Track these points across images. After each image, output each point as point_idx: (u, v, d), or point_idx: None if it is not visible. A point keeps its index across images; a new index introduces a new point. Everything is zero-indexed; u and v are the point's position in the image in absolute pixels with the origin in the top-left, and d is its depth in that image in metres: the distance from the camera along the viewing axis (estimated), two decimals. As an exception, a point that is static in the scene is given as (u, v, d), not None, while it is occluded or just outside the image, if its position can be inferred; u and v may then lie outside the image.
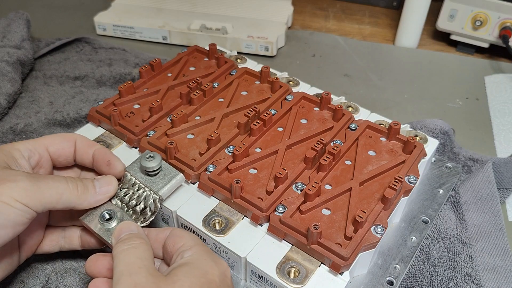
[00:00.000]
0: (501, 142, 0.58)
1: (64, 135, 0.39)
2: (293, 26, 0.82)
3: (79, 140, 0.39)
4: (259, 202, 0.38)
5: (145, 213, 0.38)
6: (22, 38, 0.66)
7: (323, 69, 0.71)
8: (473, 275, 0.41)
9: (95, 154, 0.39)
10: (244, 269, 0.38)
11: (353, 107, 0.50)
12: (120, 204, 0.38)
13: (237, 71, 0.53)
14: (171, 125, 0.45)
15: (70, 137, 0.39)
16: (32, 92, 0.63)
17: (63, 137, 0.39)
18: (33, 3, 0.87)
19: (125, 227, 0.34)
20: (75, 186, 0.35)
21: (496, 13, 0.69)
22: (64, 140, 0.39)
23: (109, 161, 0.39)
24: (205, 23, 0.75)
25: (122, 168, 0.39)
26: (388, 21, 0.85)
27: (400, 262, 0.40)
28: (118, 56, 0.70)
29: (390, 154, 0.44)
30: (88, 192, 0.36)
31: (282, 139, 0.45)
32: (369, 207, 0.39)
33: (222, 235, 0.38)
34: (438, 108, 0.64)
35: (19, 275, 0.41)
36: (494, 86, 0.68)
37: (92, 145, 0.40)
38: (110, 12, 0.78)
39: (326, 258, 0.35)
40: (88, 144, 0.40)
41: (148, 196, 0.38)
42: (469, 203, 0.48)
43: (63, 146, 0.39)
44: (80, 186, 0.36)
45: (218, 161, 0.43)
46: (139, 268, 0.30)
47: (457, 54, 0.76)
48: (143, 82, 0.52)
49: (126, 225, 0.35)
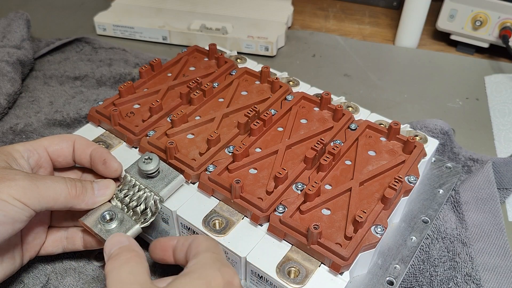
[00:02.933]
0: (501, 142, 0.58)
1: (63, 135, 0.40)
2: (293, 26, 0.82)
3: (78, 141, 0.40)
4: (259, 202, 0.38)
5: (146, 214, 0.38)
6: (22, 38, 0.66)
7: (323, 69, 0.71)
8: (473, 275, 0.41)
9: (92, 154, 0.39)
10: (244, 269, 0.38)
11: (353, 107, 0.50)
12: (120, 205, 0.38)
13: (237, 71, 0.53)
14: (171, 125, 0.45)
15: (69, 138, 0.40)
16: (32, 92, 0.63)
17: (61, 137, 0.39)
18: (33, 3, 0.87)
19: (115, 241, 0.33)
20: (73, 187, 0.35)
21: (496, 13, 0.69)
22: (63, 141, 0.39)
23: (105, 159, 0.39)
24: (205, 23, 0.75)
25: (118, 167, 0.39)
26: (388, 21, 0.85)
27: (400, 262, 0.40)
28: (118, 56, 0.70)
29: (390, 154, 0.44)
30: (87, 193, 0.36)
31: (282, 139, 0.45)
32: (369, 207, 0.39)
33: (222, 235, 0.38)
34: (438, 108, 0.64)
35: (19, 275, 0.41)
36: (494, 86, 0.68)
37: (90, 145, 0.40)
38: (110, 12, 0.78)
39: (326, 258, 0.35)
40: (86, 144, 0.40)
41: (149, 197, 0.38)
42: (469, 203, 0.48)
43: (62, 146, 0.39)
44: (78, 187, 0.36)
45: (218, 161, 0.43)
46: (131, 284, 0.29)
47: (457, 54, 0.76)
48: (143, 82, 0.52)
49: (116, 238, 0.33)
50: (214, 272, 0.30)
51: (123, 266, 0.30)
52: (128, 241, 0.33)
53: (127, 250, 0.32)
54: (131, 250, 0.32)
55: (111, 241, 0.33)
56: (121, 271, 0.30)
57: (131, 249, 0.32)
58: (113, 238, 0.33)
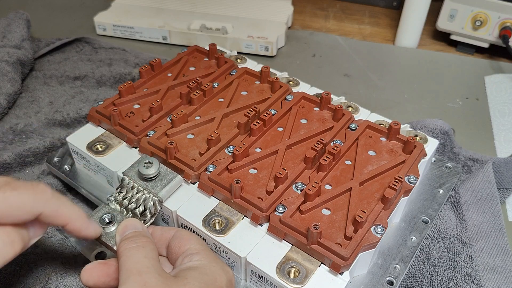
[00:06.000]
0: (501, 142, 0.58)
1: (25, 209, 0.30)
2: (293, 26, 0.82)
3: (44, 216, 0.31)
4: (259, 202, 0.38)
5: (145, 216, 0.38)
6: (22, 38, 0.66)
7: (323, 69, 0.71)
8: (473, 275, 0.41)
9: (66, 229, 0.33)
10: (244, 269, 0.38)
11: (353, 107, 0.50)
12: (119, 208, 0.38)
13: (237, 71, 0.53)
14: (171, 125, 0.45)
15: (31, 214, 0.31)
16: (32, 92, 0.63)
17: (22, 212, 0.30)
18: (33, 3, 0.87)
19: (130, 224, 0.34)
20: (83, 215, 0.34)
21: (496, 13, 0.69)
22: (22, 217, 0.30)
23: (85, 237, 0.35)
24: (205, 23, 0.75)
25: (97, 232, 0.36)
26: (388, 21, 0.85)
27: (400, 262, 0.40)
28: (118, 56, 0.70)
29: (390, 154, 0.44)
30: (90, 226, 0.35)
31: (282, 139, 0.45)
32: (369, 207, 0.39)
33: (222, 235, 0.38)
34: (438, 108, 0.64)
35: (19, 275, 0.41)
36: (494, 86, 0.68)
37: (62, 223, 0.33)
38: (110, 12, 0.78)
39: (326, 258, 0.35)
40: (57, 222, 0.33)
41: (148, 199, 0.38)
42: (469, 203, 0.48)
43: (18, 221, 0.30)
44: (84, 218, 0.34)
45: (218, 161, 0.43)
46: (148, 268, 0.29)
47: (457, 54, 0.76)
48: (143, 82, 0.52)
49: (131, 222, 0.34)
50: (218, 269, 0.32)
51: (139, 249, 0.31)
52: (142, 228, 0.34)
53: (142, 235, 0.32)
54: (145, 235, 0.33)
55: (126, 224, 0.34)
56: (137, 253, 0.30)
57: (145, 235, 0.33)
58: (128, 221, 0.34)
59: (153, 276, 0.29)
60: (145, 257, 0.30)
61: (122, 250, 0.31)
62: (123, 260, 0.30)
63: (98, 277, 0.32)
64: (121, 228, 0.33)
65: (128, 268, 0.29)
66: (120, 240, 0.32)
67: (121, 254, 0.31)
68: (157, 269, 0.30)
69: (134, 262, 0.30)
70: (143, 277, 0.28)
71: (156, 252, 0.32)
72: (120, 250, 0.31)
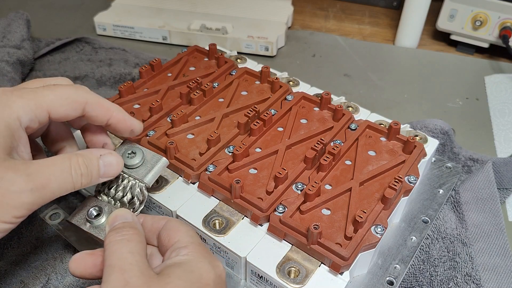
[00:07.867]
0: (501, 142, 0.58)
1: (73, 98, 0.33)
2: (293, 26, 0.82)
3: (89, 107, 0.34)
4: (259, 202, 0.38)
5: (134, 203, 0.37)
6: (22, 38, 0.66)
7: (323, 69, 0.71)
8: (473, 275, 0.41)
9: (111, 124, 0.36)
10: (244, 269, 0.38)
11: (353, 107, 0.50)
12: (107, 199, 0.38)
13: (237, 71, 0.53)
14: (171, 125, 0.45)
15: (79, 103, 0.34)
16: (32, 92, 0.63)
17: (70, 101, 0.33)
18: (33, 3, 0.87)
19: (120, 215, 0.33)
20: (78, 168, 0.33)
21: (496, 13, 0.69)
22: (71, 108, 0.33)
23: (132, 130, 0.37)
24: (205, 23, 0.75)
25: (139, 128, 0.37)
26: (388, 21, 0.85)
27: (400, 262, 0.40)
28: (118, 56, 0.70)
29: (390, 154, 0.44)
30: (92, 176, 0.34)
31: (282, 139, 0.45)
32: (369, 207, 0.39)
33: (222, 235, 0.38)
34: (438, 108, 0.64)
35: (19, 275, 0.41)
36: (494, 86, 0.68)
37: (106, 114, 0.35)
38: (110, 12, 0.78)
39: (326, 258, 0.35)
40: (102, 113, 0.35)
41: (134, 186, 0.37)
42: (469, 203, 0.48)
43: (68, 113, 0.33)
44: (83, 169, 0.33)
45: (218, 161, 0.43)
46: (131, 265, 0.28)
47: (457, 54, 0.76)
48: (143, 82, 0.52)
49: (121, 213, 0.33)
50: (205, 265, 0.30)
51: (124, 244, 0.30)
52: (132, 218, 0.33)
53: (130, 226, 0.32)
54: (133, 227, 0.32)
55: (116, 214, 0.33)
56: (122, 247, 0.30)
57: (134, 227, 0.32)
58: (118, 211, 0.33)
59: (135, 275, 0.28)
60: (129, 252, 0.29)
61: (108, 243, 0.30)
62: (107, 254, 0.29)
63: (85, 267, 0.32)
64: (110, 219, 0.33)
65: (111, 264, 0.29)
66: (109, 230, 0.32)
67: (107, 247, 0.30)
68: (141, 266, 0.29)
69: (117, 258, 0.29)
70: (124, 276, 0.28)
71: (143, 245, 0.31)
72: (106, 242, 0.30)
